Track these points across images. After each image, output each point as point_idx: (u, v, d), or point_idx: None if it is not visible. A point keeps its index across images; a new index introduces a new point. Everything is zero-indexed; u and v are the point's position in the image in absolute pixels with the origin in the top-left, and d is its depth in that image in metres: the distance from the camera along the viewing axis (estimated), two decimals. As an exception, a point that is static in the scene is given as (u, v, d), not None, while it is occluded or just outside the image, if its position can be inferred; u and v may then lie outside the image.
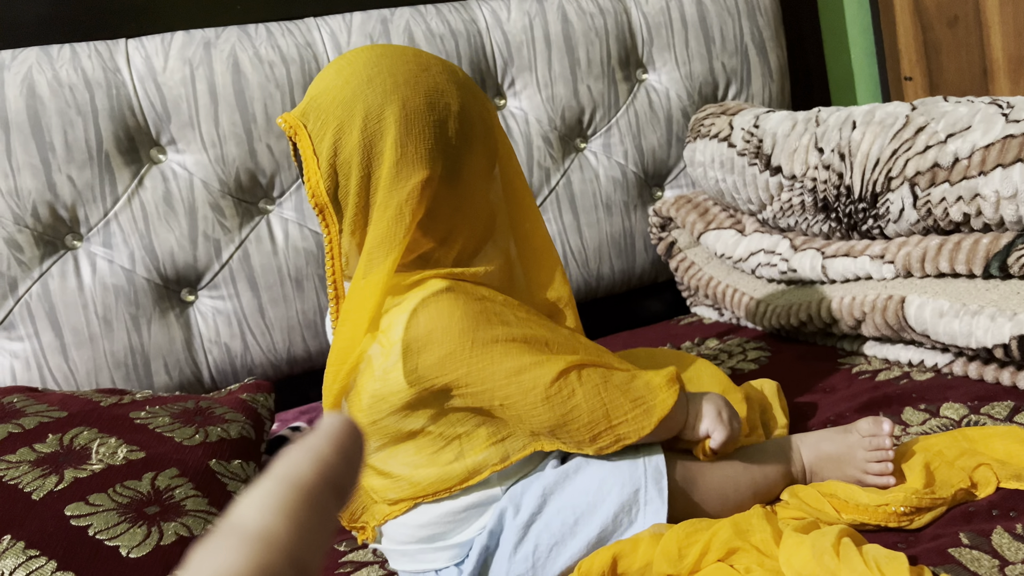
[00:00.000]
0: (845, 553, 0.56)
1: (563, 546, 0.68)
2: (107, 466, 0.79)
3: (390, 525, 0.74)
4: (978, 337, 0.91)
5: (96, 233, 1.17)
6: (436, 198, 0.68)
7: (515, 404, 0.66)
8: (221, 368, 1.24)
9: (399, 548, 0.74)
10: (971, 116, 0.97)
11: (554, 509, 0.69)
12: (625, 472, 0.69)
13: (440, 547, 0.72)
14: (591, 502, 0.68)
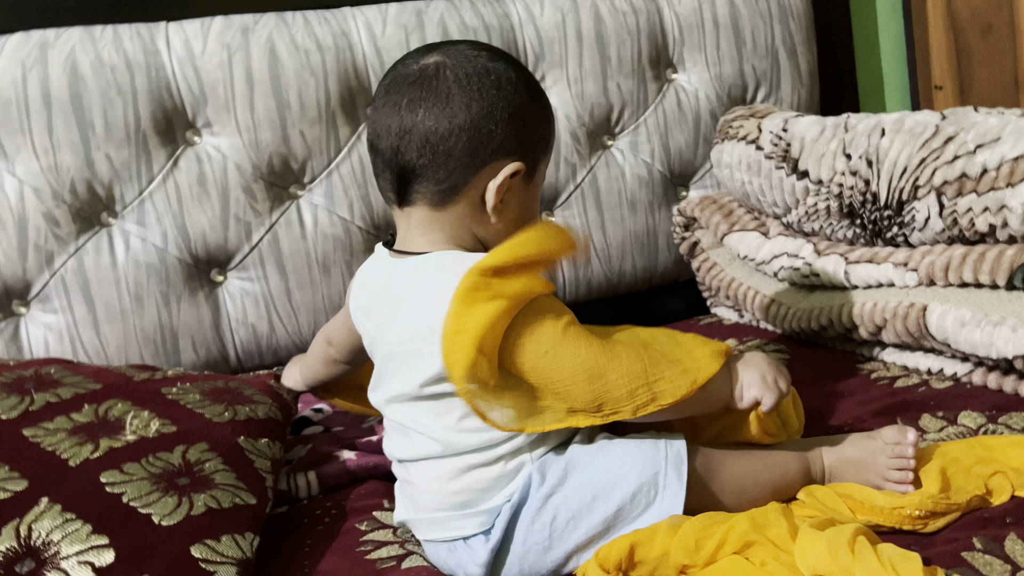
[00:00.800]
0: (860, 551, 0.58)
1: (580, 520, 0.70)
2: (140, 437, 0.81)
3: (421, 493, 0.76)
4: (999, 347, 0.92)
5: (131, 211, 1.20)
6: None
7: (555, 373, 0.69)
8: (247, 348, 1.26)
9: (428, 516, 0.76)
10: (1001, 127, 0.97)
11: (575, 483, 0.71)
12: (647, 454, 0.71)
13: (469, 513, 0.74)
14: (611, 480, 0.70)
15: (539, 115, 0.78)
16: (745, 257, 1.32)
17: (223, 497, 0.78)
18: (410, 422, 0.76)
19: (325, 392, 1.04)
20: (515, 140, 0.75)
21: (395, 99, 0.74)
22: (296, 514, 0.91)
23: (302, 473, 0.96)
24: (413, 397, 0.75)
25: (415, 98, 0.73)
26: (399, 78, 0.76)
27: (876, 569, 0.56)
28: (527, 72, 0.79)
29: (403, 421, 0.77)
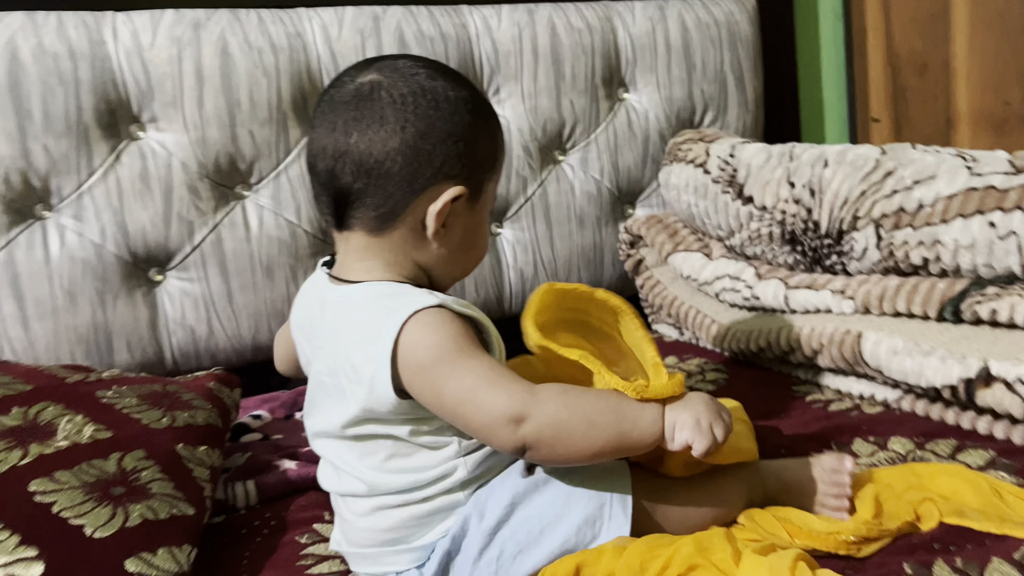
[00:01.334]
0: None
1: (527, 555, 0.70)
2: (73, 444, 0.78)
3: (350, 529, 0.75)
4: (928, 376, 0.96)
5: (68, 205, 1.16)
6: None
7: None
8: (184, 351, 1.23)
9: (359, 551, 0.75)
10: (937, 165, 1.02)
11: (521, 518, 0.70)
12: (592, 485, 0.71)
13: (401, 550, 0.73)
14: (558, 513, 0.70)
15: (483, 134, 0.74)
16: (688, 277, 1.35)
17: (160, 507, 0.75)
18: (336, 460, 0.75)
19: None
20: (456, 162, 0.72)
21: (331, 119, 0.71)
22: (234, 525, 0.89)
23: (240, 482, 0.94)
24: (337, 435, 0.73)
25: (349, 119, 0.70)
26: (335, 97, 0.72)
27: (816, 595, 0.57)
28: (471, 89, 0.75)
29: (330, 457, 0.76)
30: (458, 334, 0.69)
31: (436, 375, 0.67)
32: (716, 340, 1.28)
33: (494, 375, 0.68)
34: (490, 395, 0.67)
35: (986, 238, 0.94)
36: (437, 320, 0.69)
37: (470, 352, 0.68)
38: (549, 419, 0.66)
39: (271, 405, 1.19)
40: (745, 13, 1.56)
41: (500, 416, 0.66)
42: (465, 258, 0.78)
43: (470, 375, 0.67)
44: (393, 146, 0.70)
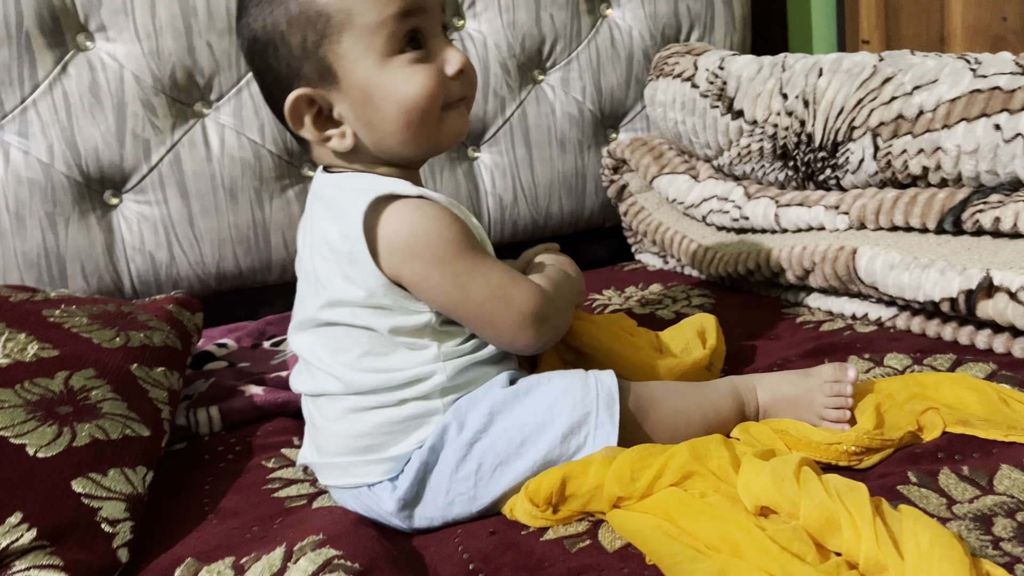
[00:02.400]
0: (806, 481, 0.55)
1: (508, 466, 0.65)
2: (15, 361, 0.72)
3: (321, 436, 0.70)
4: (926, 290, 0.91)
5: (11, 121, 1.07)
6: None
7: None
8: (144, 278, 1.16)
9: (330, 461, 0.70)
10: (939, 69, 0.96)
11: (500, 428, 0.66)
12: (577, 394, 0.67)
13: (373, 459, 0.68)
14: (540, 423, 0.66)
15: (284, 21, 0.67)
16: (674, 200, 1.29)
17: (111, 428, 0.70)
18: (310, 356, 0.71)
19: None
20: (278, 69, 0.68)
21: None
22: (196, 450, 0.84)
23: (203, 408, 0.89)
24: (315, 324, 0.70)
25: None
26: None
27: (823, 499, 0.53)
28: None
29: (304, 354, 0.72)
30: (466, 228, 0.68)
31: (460, 268, 0.66)
32: (702, 265, 1.23)
33: (510, 272, 0.69)
34: (520, 292, 0.69)
35: (991, 142, 0.89)
36: (432, 210, 0.66)
37: (481, 250, 0.69)
38: (557, 311, 0.72)
39: (237, 334, 1.13)
40: (733, -74, 1.49)
41: (529, 313, 0.68)
42: (391, 131, 0.68)
43: (495, 273, 0.68)
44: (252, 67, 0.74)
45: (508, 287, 0.68)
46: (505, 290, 0.68)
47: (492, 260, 0.69)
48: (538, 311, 0.69)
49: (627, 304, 1.20)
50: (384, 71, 0.66)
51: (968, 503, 0.61)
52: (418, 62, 0.67)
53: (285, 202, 1.21)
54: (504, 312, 0.68)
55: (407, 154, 0.70)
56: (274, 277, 1.24)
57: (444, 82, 0.68)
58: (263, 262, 1.22)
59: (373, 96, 0.66)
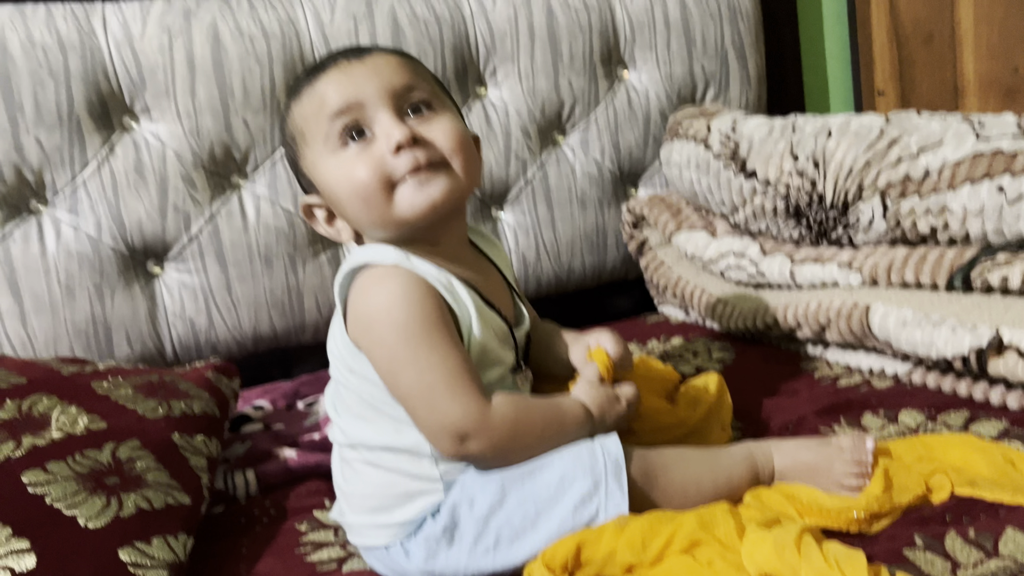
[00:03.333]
0: (806, 549, 0.57)
1: (524, 538, 0.68)
2: (67, 435, 0.77)
3: (341, 495, 0.77)
4: (938, 347, 0.93)
5: (62, 198, 1.15)
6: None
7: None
8: (184, 343, 1.22)
9: (349, 520, 0.75)
10: (943, 131, 0.99)
11: (515, 502, 0.69)
12: (586, 465, 0.69)
13: (382, 523, 0.72)
14: (553, 495, 0.68)
15: (283, 140, 0.79)
16: (692, 256, 1.33)
17: (155, 497, 0.74)
18: (328, 407, 0.78)
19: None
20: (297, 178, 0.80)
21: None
22: (233, 514, 0.88)
23: (240, 472, 0.93)
24: (331, 379, 0.77)
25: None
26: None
27: (822, 568, 0.55)
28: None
29: (327, 405, 0.79)
30: (424, 307, 0.68)
31: (396, 355, 0.68)
32: (722, 319, 1.26)
33: (455, 378, 0.68)
34: (446, 402, 0.67)
35: (995, 203, 0.92)
36: (393, 283, 0.68)
37: (437, 339, 0.68)
38: (499, 442, 0.69)
39: (272, 395, 1.18)
40: (745, -13, 1.54)
41: (449, 427, 0.67)
42: (355, 216, 0.73)
43: (432, 372, 0.67)
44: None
45: (438, 394, 0.67)
46: (433, 395, 0.67)
47: (440, 355, 0.67)
48: (463, 431, 0.67)
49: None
50: (334, 169, 0.71)
51: (972, 567, 0.63)
52: (362, 151, 0.70)
53: (317, 266, 1.27)
54: (425, 416, 0.68)
55: (390, 235, 0.73)
56: (307, 337, 1.30)
57: (381, 163, 0.70)
58: (297, 324, 1.28)
59: (335, 193, 0.72)
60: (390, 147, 0.69)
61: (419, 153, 0.70)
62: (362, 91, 0.71)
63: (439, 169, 0.71)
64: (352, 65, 0.72)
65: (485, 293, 0.75)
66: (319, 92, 0.72)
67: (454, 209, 0.73)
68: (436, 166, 0.71)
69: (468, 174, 0.73)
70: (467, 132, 0.75)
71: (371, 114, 0.71)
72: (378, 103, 0.71)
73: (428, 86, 0.74)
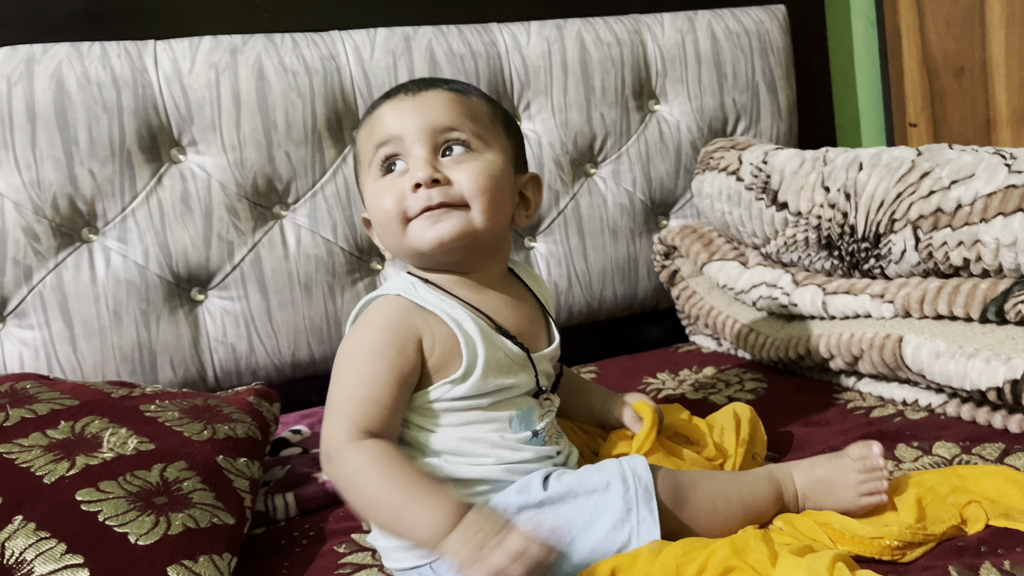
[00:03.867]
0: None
1: (559, 566, 0.69)
2: (118, 455, 0.80)
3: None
4: (972, 379, 0.94)
5: (112, 228, 1.19)
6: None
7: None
8: (226, 368, 1.25)
9: (381, 544, 0.77)
10: (975, 164, 1.00)
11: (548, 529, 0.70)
12: (618, 492, 0.70)
13: (406, 546, 0.73)
14: (586, 522, 0.70)
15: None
16: (724, 286, 1.34)
17: (201, 516, 0.77)
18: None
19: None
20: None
21: None
22: (274, 535, 0.90)
23: (280, 494, 0.95)
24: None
25: None
26: None
27: (855, 595, 0.56)
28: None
29: None
30: (385, 342, 0.73)
31: (338, 366, 0.76)
32: (754, 349, 1.26)
33: (354, 405, 0.72)
34: (333, 420, 0.73)
35: (1028, 236, 0.92)
36: (384, 308, 0.76)
37: (367, 368, 0.73)
38: (339, 479, 0.72)
39: (310, 420, 1.21)
40: (776, 21, 1.56)
41: (324, 440, 0.73)
42: (383, 238, 0.81)
43: (344, 391, 0.74)
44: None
45: (334, 409, 0.73)
46: (335, 407, 0.73)
47: (360, 381, 0.72)
48: (326, 450, 0.72)
49: (681, 388, 1.24)
50: (371, 193, 0.80)
51: (1008, 599, 0.63)
52: (392, 183, 0.78)
53: (355, 294, 1.30)
54: (327, 422, 0.74)
55: (411, 261, 0.81)
56: (344, 364, 1.32)
57: (402, 197, 0.76)
58: (334, 350, 1.29)
59: (372, 214, 0.81)
60: (407, 186, 0.76)
61: (434, 193, 0.75)
62: (405, 127, 0.77)
63: (453, 209, 0.75)
64: (403, 100, 0.79)
65: (501, 321, 0.79)
66: (373, 121, 0.80)
67: (468, 246, 0.77)
68: (451, 206, 0.75)
69: (488, 215, 0.76)
70: (499, 175, 0.78)
71: (408, 149, 0.77)
72: (416, 140, 0.77)
73: (474, 126, 0.78)
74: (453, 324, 0.76)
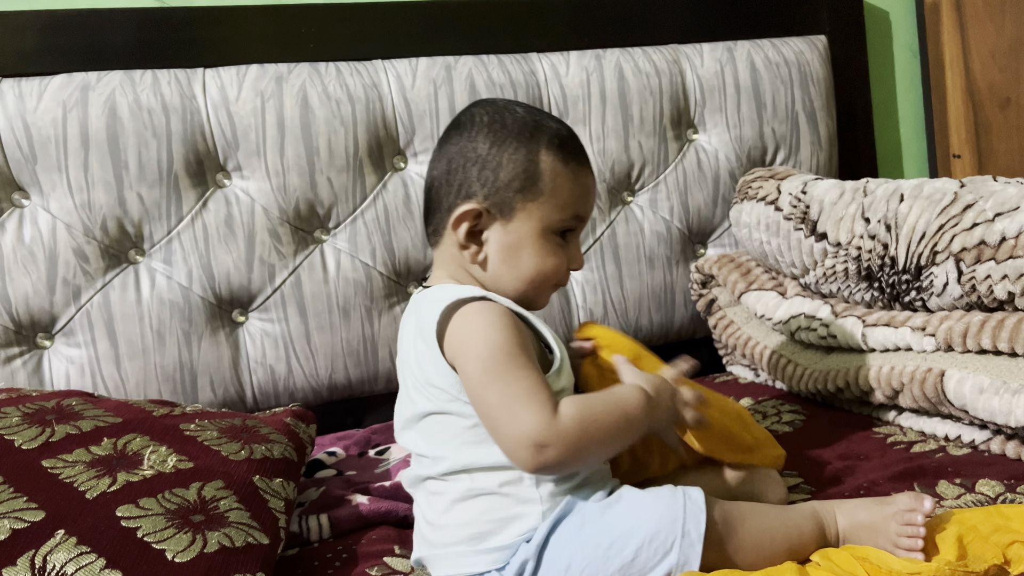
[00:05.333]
0: (876, 614, 0.57)
1: (595, 568, 0.70)
2: (157, 473, 0.82)
3: (432, 530, 0.78)
4: (1017, 416, 0.91)
5: (158, 250, 1.22)
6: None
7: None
8: (264, 389, 1.27)
9: (441, 552, 0.77)
10: (1020, 197, 0.98)
11: (591, 531, 0.71)
12: (664, 502, 0.72)
13: (481, 549, 0.74)
14: (628, 527, 0.71)
15: (508, 156, 0.80)
16: (762, 316, 1.33)
17: (236, 536, 0.78)
18: (414, 446, 0.81)
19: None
20: (476, 183, 0.81)
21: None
22: (307, 557, 0.91)
23: (314, 516, 0.96)
24: (417, 418, 0.79)
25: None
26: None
27: (893, 634, 0.55)
28: (505, 113, 0.82)
29: (412, 449, 0.81)
30: (514, 334, 0.75)
31: (488, 368, 0.73)
32: (792, 381, 1.25)
33: (534, 393, 0.72)
34: (525, 412, 0.71)
35: (1075, 270, 0.90)
36: (494, 308, 0.76)
37: (521, 360, 0.74)
38: (573, 444, 0.72)
39: (345, 443, 1.22)
40: (816, 52, 1.56)
41: (527, 437, 0.71)
42: (513, 276, 0.82)
43: (515, 385, 0.72)
44: (439, 169, 0.83)
45: (519, 403, 0.71)
46: (514, 405, 0.72)
47: (527, 373, 0.73)
48: (537, 439, 0.71)
49: (716, 419, 1.23)
50: (539, 239, 0.81)
51: (1053, 643, 0.61)
52: (559, 247, 0.83)
53: (392, 318, 1.31)
54: (506, 425, 0.72)
55: (508, 295, 0.82)
56: (380, 387, 1.33)
57: (563, 269, 0.84)
58: (371, 374, 1.32)
59: (522, 249, 0.81)
60: (576, 266, 0.85)
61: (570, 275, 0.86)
62: (591, 211, 0.86)
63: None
64: (591, 180, 0.86)
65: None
66: (582, 186, 0.83)
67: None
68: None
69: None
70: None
71: (578, 231, 0.86)
72: (584, 226, 0.87)
73: None
74: (539, 324, 0.80)
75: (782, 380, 1.28)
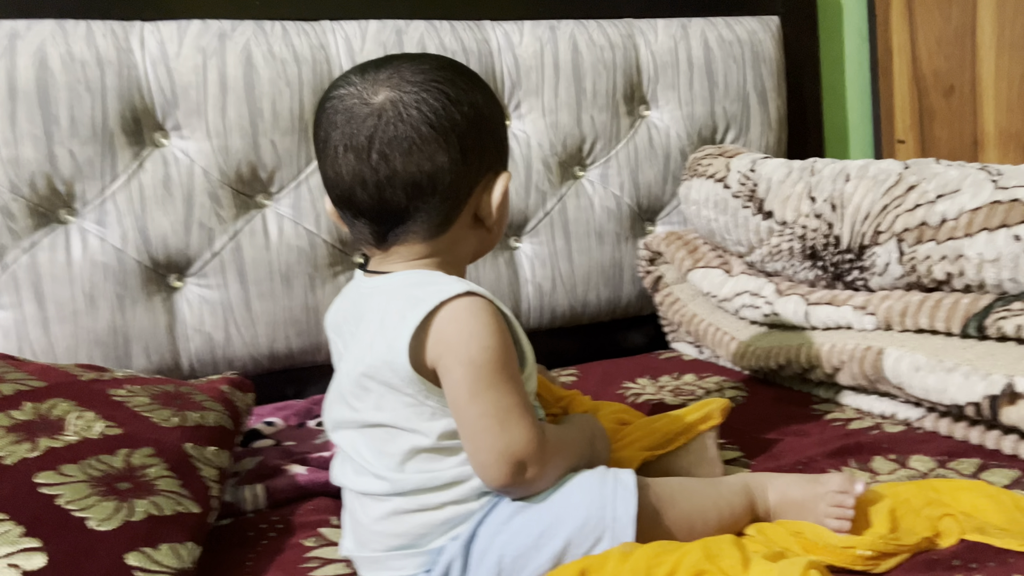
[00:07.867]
0: (811, 584, 0.57)
1: (527, 559, 0.68)
2: (82, 439, 0.79)
3: (363, 532, 0.74)
4: (951, 393, 0.93)
5: (91, 210, 1.17)
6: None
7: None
8: (201, 357, 1.23)
9: (369, 555, 0.74)
10: (961, 179, 1.00)
11: (520, 521, 0.69)
12: (594, 488, 0.70)
13: (410, 553, 0.72)
14: (558, 515, 0.69)
15: (499, 117, 0.77)
16: (708, 294, 1.33)
17: (165, 504, 0.75)
18: (355, 454, 0.74)
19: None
20: (493, 152, 0.75)
21: (356, 146, 0.69)
22: (241, 527, 0.88)
23: (250, 486, 0.94)
24: (360, 424, 0.73)
25: (384, 145, 0.69)
26: (352, 121, 0.70)
27: (826, 603, 0.55)
28: (476, 80, 0.75)
29: (348, 451, 0.75)
30: (508, 339, 0.70)
31: (481, 376, 0.68)
32: (735, 357, 1.26)
33: (526, 408, 0.70)
34: (518, 427, 0.68)
35: (1012, 252, 0.92)
36: (490, 310, 0.69)
37: (513, 371, 0.70)
38: (546, 466, 0.70)
39: (285, 413, 1.19)
40: (769, 32, 1.56)
41: (513, 453, 0.68)
42: (494, 236, 0.79)
43: (511, 396, 0.69)
44: (443, 160, 0.70)
45: (511, 417, 0.68)
46: (508, 417, 0.68)
47: (516, 386, 0.69)
48: (522, 456, 0.68)
49: (660, 394, 1.23)
50: (508, 189, 0.77)
51: (979, 613, 0.63)
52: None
53: (336, 287, 1.29)
54: (493, 437, 0.68)
55: (466, 260, 0.78)
56: (322, 358, 1.31)
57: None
58: (313, 344, 1.29)
59: (501, 207, 0.76)
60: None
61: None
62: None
63: None
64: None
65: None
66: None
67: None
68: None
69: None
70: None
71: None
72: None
73: None
74: (515, 323, 0.74)
75: (725, 356, 1.29)
